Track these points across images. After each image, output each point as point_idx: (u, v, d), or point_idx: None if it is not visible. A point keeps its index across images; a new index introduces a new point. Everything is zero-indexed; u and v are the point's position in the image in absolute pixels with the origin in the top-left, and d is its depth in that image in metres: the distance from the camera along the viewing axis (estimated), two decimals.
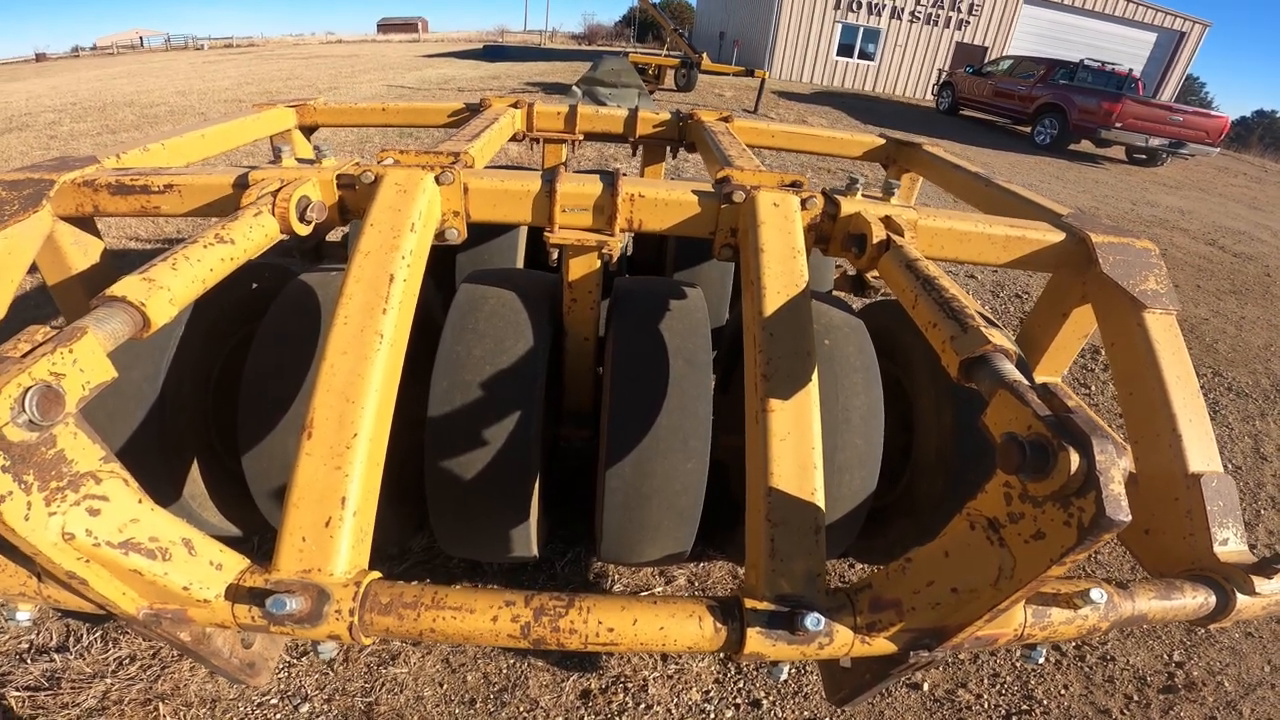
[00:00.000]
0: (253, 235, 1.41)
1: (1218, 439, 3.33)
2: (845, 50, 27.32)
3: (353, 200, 1.69)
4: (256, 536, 2.16)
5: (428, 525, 1.78)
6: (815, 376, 1.32)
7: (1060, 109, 15.01)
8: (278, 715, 1.88)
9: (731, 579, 2.46)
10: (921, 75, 27.78)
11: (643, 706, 2.00)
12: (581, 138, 3.24)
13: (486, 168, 2.08)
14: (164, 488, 1.67)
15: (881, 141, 3.22)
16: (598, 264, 1.80)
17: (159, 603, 1.07)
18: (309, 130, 3.15)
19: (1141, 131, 13.89)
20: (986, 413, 1.01)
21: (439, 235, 1.69)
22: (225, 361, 1.88)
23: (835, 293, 3.11)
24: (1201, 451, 1.44)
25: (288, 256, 2.85)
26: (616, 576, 2.42)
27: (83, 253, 1.79)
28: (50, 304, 3.50)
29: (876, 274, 1.60)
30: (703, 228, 1.73)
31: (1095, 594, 1.14)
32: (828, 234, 1.72)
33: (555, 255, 1.77)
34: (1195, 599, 1.25)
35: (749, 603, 1.13)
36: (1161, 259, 1.71)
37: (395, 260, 1.40)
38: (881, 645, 1.12)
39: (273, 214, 1.50)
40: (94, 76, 18.55)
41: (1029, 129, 16.23)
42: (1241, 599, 1.24)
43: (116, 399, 1.56)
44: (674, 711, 2.00)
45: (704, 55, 17.39)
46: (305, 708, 1.90)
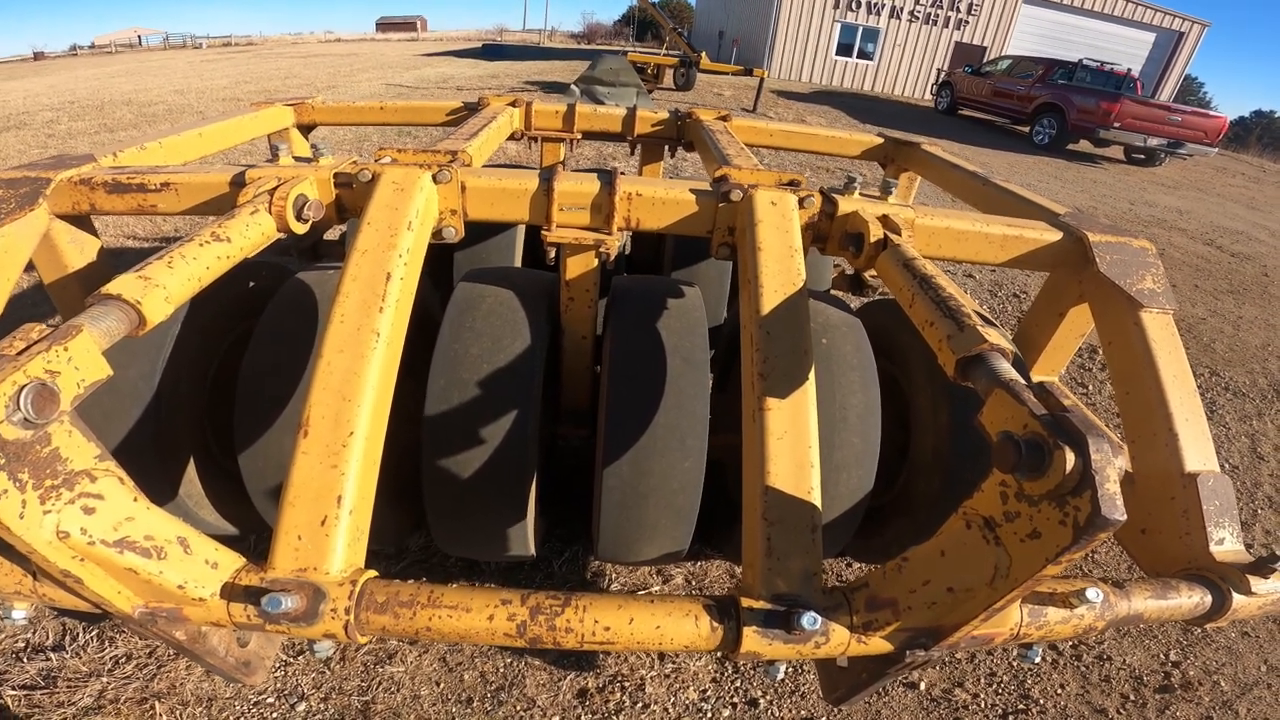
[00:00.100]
0: (249, 234, 1.41)
1: (1215, 438, 3.34)
2: (844, 50, 27.33)
3: (350, 199, 1.69)
4: (253, 535, 2.15)
5: (425, 524, 1.78)
6: (812, 375, 1.32)
7: (1059, 109, 15.02)
8: (274, 714, 1.87)
9: (729, 578, 2.46)
10: (920, 75, 27.79)
11: (640, 705, 2.00)
12: (579, 136, 3.23)
13: (484, 166, 2.08)
14: (160, 486, 1.67)
15: (879, 141, 3.22)
16: (595, 262, 1.80)
17: (154, 601, 1.07)
18: (307, 129, 3.14)
19: (1140, 131, 13.89)
20: (983, 411, 1.01)
21: (436, 234, 1.69)
22: (222, 360, 1.88)
23: (833, 292, 3.12)
24: (1198, 451, 1.44)
25: (285, 255, 2.85)
26: (614, 575, 2.42)
27: (79, 251, 1.79)
28: (48, 302, 3.50)
29: (874, 273, 1.59)
30: (700, 226, 1.73)
31: (1091, 593, 1.14)
32: (825, 233, 1.72)
33: (553, 254, 1.77)
34: (1191, 598, 1.25)
35: (745, 602, 1.13)
36: (1159, 258, 1.72)
37: (392, 259, 1.40)
38: (878, 644, 1.12)
39: (269, 212, 1.50)
40: (92, 75, 18.51)
41: (1028, 129, 16.24)
42: (1237, 598, 1.24)
43: (113, 397, 1.56)
44: (671, 710, 2.00)
45: (703, 54, 17.37)
46: (302, 706, 1.90)
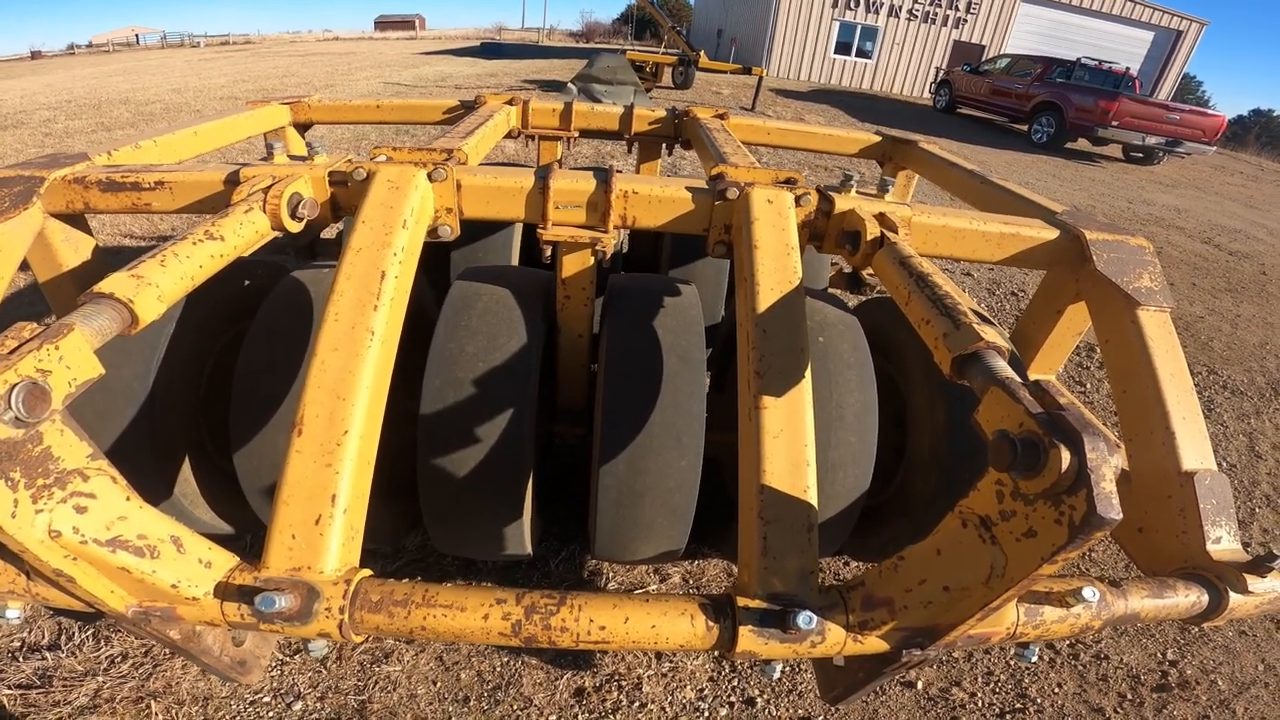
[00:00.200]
0: (243, 232, 1.41)
1: (1212, 437, 3.34)
2: (843, 48, 27.30)
3: (345, 197, 1.69)
4: (249, 534, 2.15)
5: (421, 523, 1.78)
6: (809, 373, 1.32)
7: (1057, 107, 15.01)
8: (270, 713, 1.87)
9: (726, 577, 2.46)
10: (919, 73, 27.77)
11: (637, 705, 2.00)
12: (577, 134, 3.23)
13: (481, 165, 2.07)
14: (155, 485, 1.66)
15: (877, 139, 3.21)
16: (591, 261, 1.79)
17: (148, 600, 1.07)
18: (303, 127, 3.14)
19: (1138, 130, 13.89)
20: (979, 410, 1.00)
21: (432, 232, 1.69)
22: (217, 358, 1.87)
23: (830, 290, 3.11)
24: (1195, 449, 1.44)
25: (282, 254, 2.84)
26: (611, 574, 2.42)
27: (74, 250, 1.78)
28: (44, 301, 3.49)
29: (871, 271, 1.59)
30: (697, 224, 1.72)
31: (1088, 592, 1.14)
32: (822, 231, 1.72)
33: (549, 252, 1.77)
34: (1188, 597, 1.25)
35: (741, 601, 1.12)
36: (1156, 256, 1.71)
37: (387, 257, 1.40)
38: (874, 644, 1.12)
39: (264, 211, 1.49)
40: (89, 74, 18.48)
41: (1026, 127, 16.23)
42: (1235, 597, 1.24)
43: (107, 396, 1.55)
44: (668, 709, 1.99)
45: (701, 53, 17.34)
46: (298, 705, 1.89)
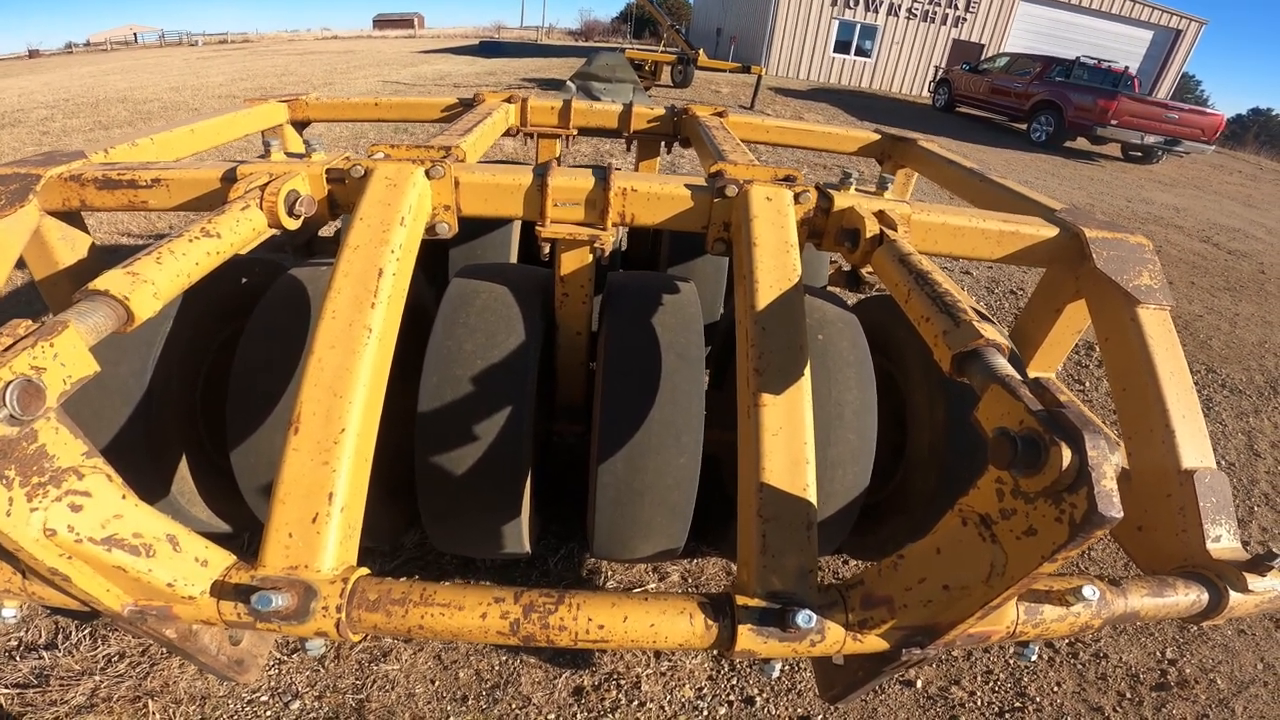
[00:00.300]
0: (239, 229, 1.40)
1: (1211, 435, 3.34)
2: (842, 47, 27.29)
3: (342, 194, 1.68)
4: (247, 533, 2.14)
5: (420, 521, 1.77)
6: (808, 371, 1.31)
7: (1056, 106, 15.00)
8: (268, 712, 1.86)
9: (725, 575, 2.45)
10: (918, 72, 27.77)
11: (635, 703, 1.99)
12: (575, 132, 3.22)
13: (480, 162, 2.06)
14: (152, 483, 1.65)
15: (876, 137, 3.21)
16: (590, 258, 1.79)
17: (144, 599, 1.06)
18: (301, 125, 3.13)
19: (1137, 129, 13.88)
20: (979, 408, 1.00)
21: (429, 229, 1.68)
22: (214, 356, 1.87)
23: (830, 288, 3.11)
24: (1195, 448, 1.44)
25: (280, 251, 2.84)
26: (610, 573, 2.42)
27: (70, 247, 1.78)
28: (41, 299, 3.48)
29: (870, 269, 1.59)
30: (695, 222, 1.72)
31: (1088, 591, 1.14)
32: (821, 228, 1.71)
33: (547, 249, 1.76)
34: (1188, 596, 1.25)
35: (740, 599, 1.12)
36: (1155, 255, 1.71)
37: (384, 254, 1.39)
38: (873, 643, 1.12)
39: (261, 208, 1.49)
40: (87, 73, 18.44)
41: (1025, 126, 16.22)
42: (1234, 596, 1.24)
43: (104, 394, 1.54)
44: (667, 709, 1.99)
45: (700, 51, 17.33)
46: (296, 705, 1.89)
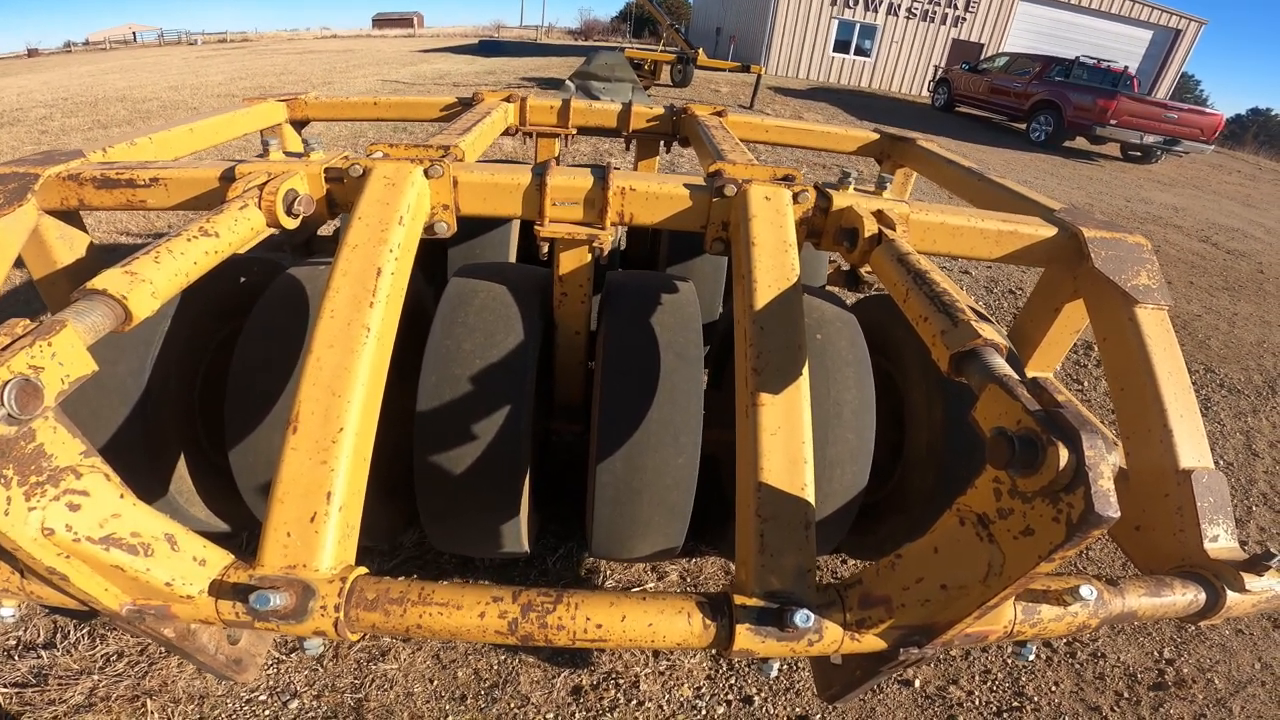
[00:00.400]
0: (238, 228, 1.40)
1: (1210, 435, 3.34)
2: (842, 46, 27.27)
3: (341, 194, 1.68)
4: (245, 532, 2.14)
5: (418, 521, 1.77)
6: (806, 371, 1.32)
7: (1055, 106, 15.00)
8: (266, 712, 1.86)
9: (724, 575, 2.45)
10: (918, 72, 27.75)
11: (634, 703, 1.99)
12: (574, 132, 3.22)
13: (479, 161, 2.06)
14: (150, 483, 1.65)
15: (875, 136, 3.21)
16: (588, 258, 1.79)
17: (142, 598, 1.06)
18: (300, 125, 3.12)
19: (1136, 129, 13.88)
20: (976, 407, 1.00)
21: (428, 229, 1.68)
22: (213, 356, 1.87)
23: (828, 287, 3.11)
24: (1193, 447, 1.44)
25: (279, 251, 2.83)
26: (608, 572, 2.42)
27: (68, 247, 1.77)
28: (39, 298, 3.47)
29: (869, 268, 1.59)
30: (694, 221, 1.72)
31: (1085, 591, 1.14)
32: (820, 228, 1.71)
33: (546, 249, 1.76)
34: (1185, 596, 1.25)
35: (739, 599, 1.12)
36: (1154, 254, 1.71)
37: (383, 254, 1.39)
38: (871, 642, 1.12)
39: (259, 207, 1.48)
40: (86, 72, 18.42)
41: (1024, 126, 16.21)
42: (1232, 596, 1.24)
43: (102, 394, 1.54)
44: (665, 708, 1.99)
45: (700, 51, 17.33)
46: (294, 704, 1.89)
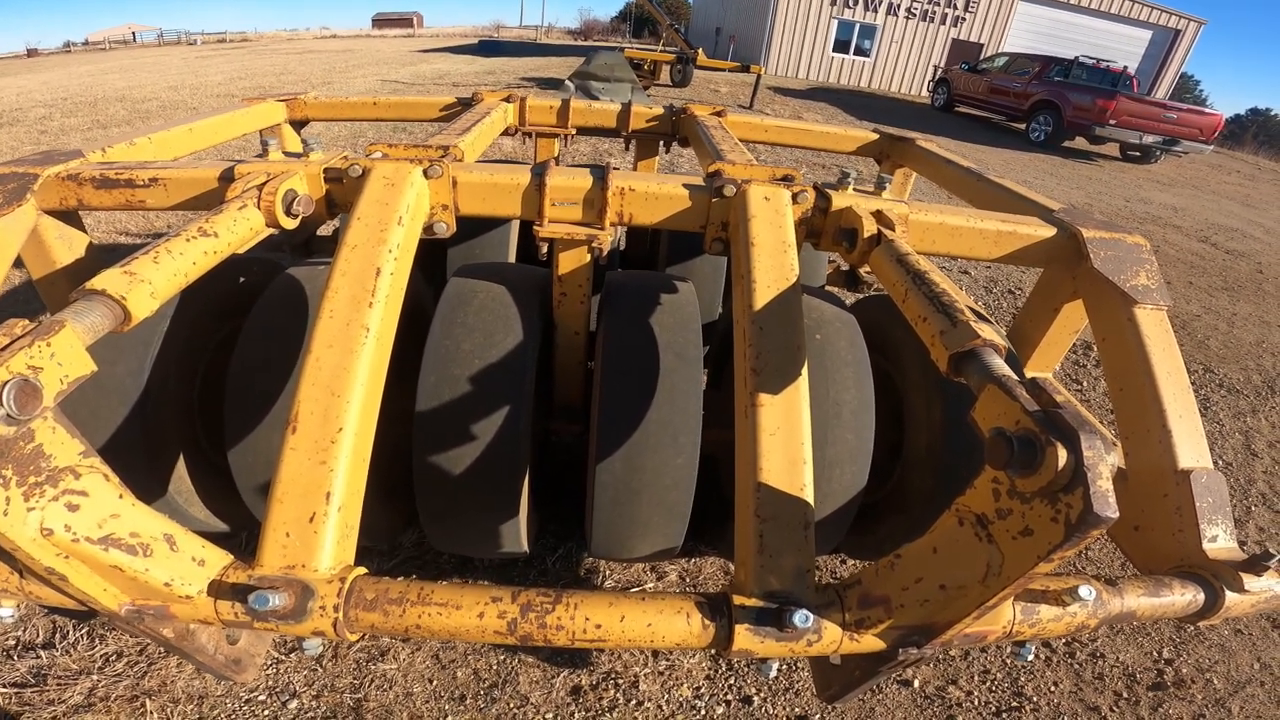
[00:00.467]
0: (237, 228, 1.40)
1: (1209, 435, 3.34)
2: (841, 46, 27.27)
3: (340, 194, 1.68)
4: (245, 532, 2.14)
5: (417, 521, 1.77)
6: (805, 371, 1.32)
7: (1055, 106, 15.01)
8: (265, 712, 1.86)
9: (724, 575, 2.46)
10: (917, 72, 27.76)
11: (634, 703, 1.99)
12: (574, 132, 3.22)
13: (478, 161, 2.06)
14: (150, 483, 1.65)
15: (875, 136, 3.21)
16: (588, 258, 1.79)
17: (141, 599, 1.06)
18: (299, 125, 3.12)
19: (1136, 129, 13.89)
20: (975, 407, 1.00)
21: (427, 229, 1.68)
22: (212, 356, 1.87)
23: (828, 287, 3.11)
24: (1192, 447, 1.44)
25: (278, 251, 2.83)
26: (608, 572, 2.42)
27: (67, 247, 1.77)
28: (39, 298, 3.47)
29: (868, 268, 1.59)
30: (693, 221, 1.72)
31: (1084, 591, 1.14)
32: (819, 228, 1.71)
33: (545, 249, 1.76)
34: (1184, 596, 1.25)
35: (738, 599, 1.12)
36: (1153, 255, 1.71)
37: (382, 254, 1.39)
38: (870, 642, 1.12)
39: (258, 208, 1.48)
40: (86, 72, 18.41)
41: (1024, 126, 16.22)
42: (1230, 596, 1.24)
43: (101, 394, 1.54)
44: (665, 708, 1.99)
45: (699, 51, 17.33)
46: (293, 704, 1.89)
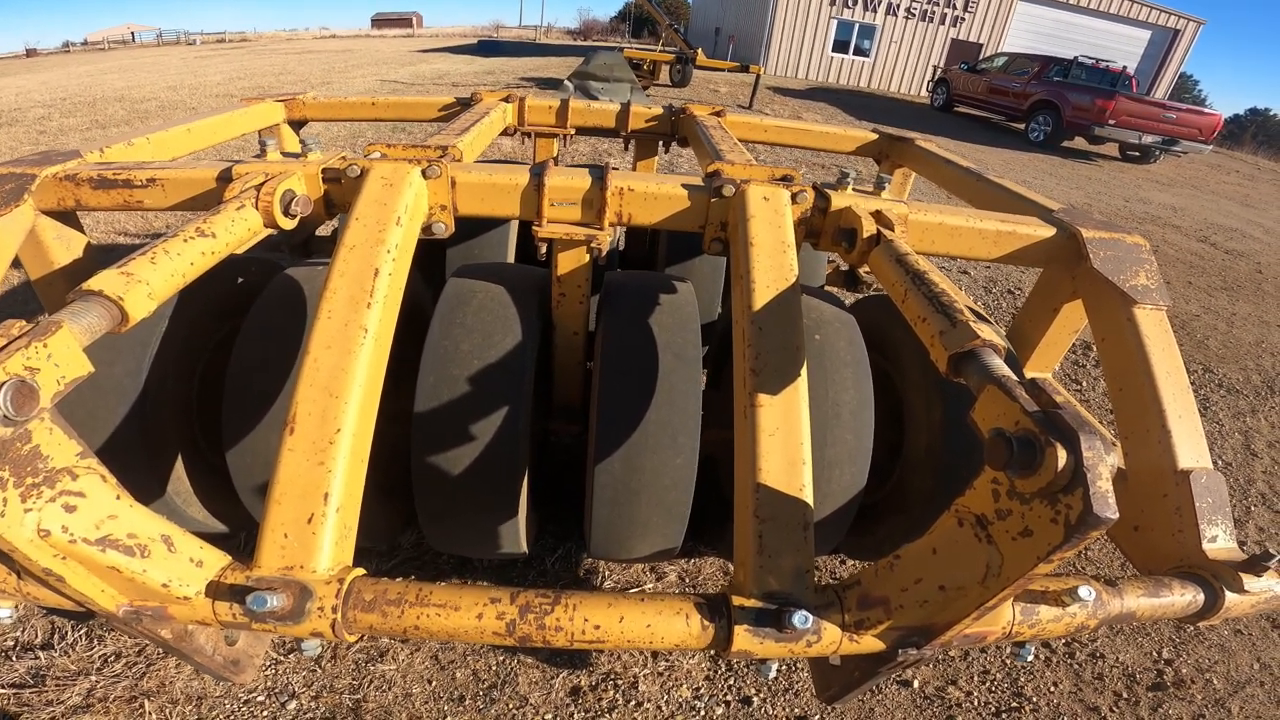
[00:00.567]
0: (235, 229, 1.40)
1: (1208, 435, 3.34)
2: (841, 46, 27.30)
3: (338, 194, 1.68)
4: (243, 533, 2.14)
5: (416, 521, 1.77)
6: (805, 371, 1.31)
7: (1054, 106, 15.01)
8: (264, 712, 1.86)
9: (723, 575, 2.45)
10: (917, 72, 27.78)
11: (633, 704, 1.99)
12: (573, 132, 3.21)
13: (477, 161, 2.06)
14: (148, 484, 1.65)
15: (874, 136, 3.21)
16: (587, 258, 1.78)
17: (138, 600, 1.06)
18: (298, 125, 3.12)
19: (1135, 129, 13.89)
20: (975, 408, 1.00)
21: (426, 229, 1.68)
22: (210, 356, 1.86)
23: (827, 288, 3.11)
24: (1191, 448, 1.44)
25: (277, 251, 2.83)
26: (607, 573, 2.41)
27: (65, 247, 1.77)
28: (36, 299, 3.47)
29: (867, 268, 1.59)
30: (692, 221, 1.72)
31: (1084, 591, 1.14)
32: (818, 228, 1.71)
33: (544, 249, 1.76)
34: (1184, 597, 1.25)
35: (737, 600, 1.12)
36: (1152, 255, 1.71)
37: (380, 254, 1.39)
38: (870, 643, 1.12)
39: (256, 208, 1.48)
40: (85, 72, 18.40)
41: (1023, 126, 16.22)
42: (1230, 596, 1.24)
43: (98, 394, 1.54)
44: (664, 708, 1.99)
45: (699, 51, 17.33)
46: (292, 705, 1.88)
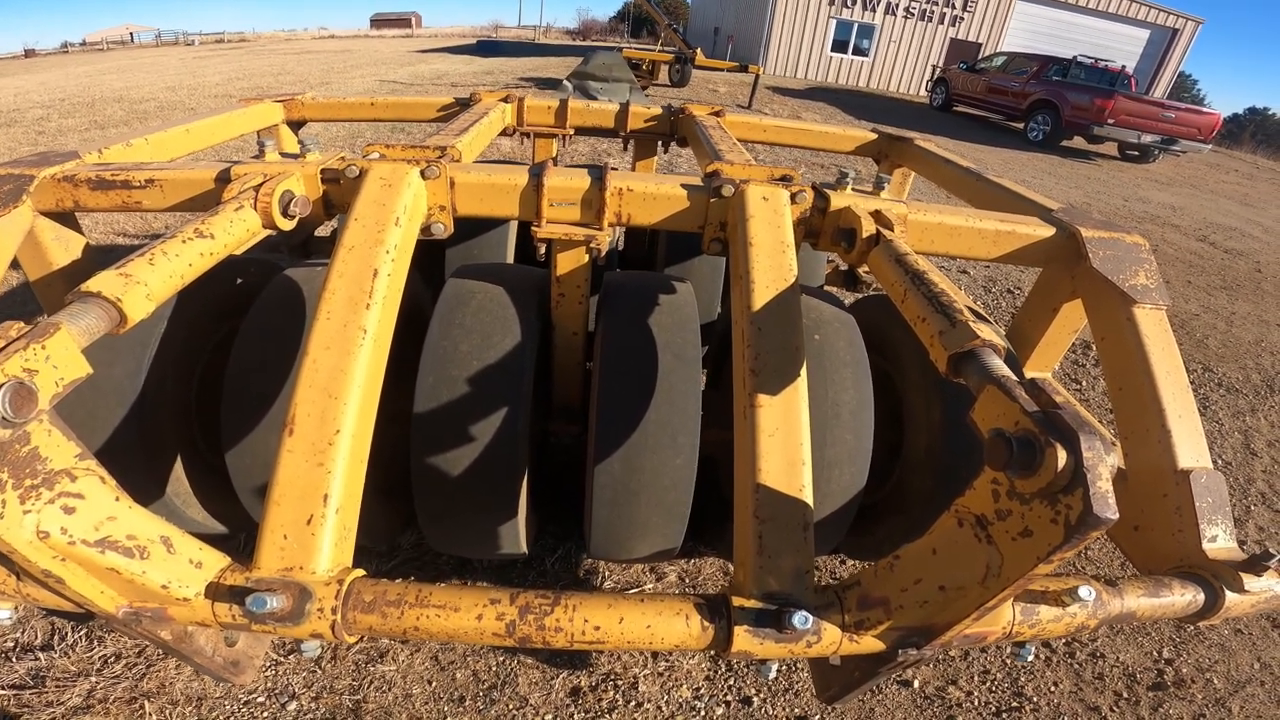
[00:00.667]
0: (233, 230, 1.40)
1: (1208, 435, 3.33)
2: (839, 46, 27.31)
3: (337, 195, 1.68)
4: (243, 534, 2.14)
5: (416, 522, 1.77)
6: (804, 371, 1.31)
7: (1053, 105, 15.01)
8: (264, 713, 1.86)
9: (723, 575, 2.45)
10: (916, 71, 27.79)
11: (633, 704, 1.99)
12: (572, 132, 3.21)
13: (476, 162, 2.06)
14: (147, 485, 1.65)
15: (873, 136, 3.21)
16: (586, 258, 1.78)
17: (138, 601, 1.06)
18: (297, 125, 3.12)
19: (1134, 128, 13.90)
20: (974, 408, 1.00)
21: (425, 230, 1.68)
22: (209, 357, 1.86)
23: (826, 287, 3.11)
24: (1191, 447, 1.44)
25: (276, 252, 2.83)
26: (607, 573, 2.41)
27: (64, 248, 1.77)
28: (35, 300, 3.46)
29: (867, 268, 1.59)
30: (692, 222, 1.72)
31: (1084, 591, 1.14)
32: (817, 228, 1.71)
33: (543, 250, 1.76)
34: (1184, 596, 1.25)
35: (737, 600, 1.12)
36: (1152, 254, 1.71)
37: (379, 255, 1.39)
38: (870, 643, 1.12)
39: (255, 209, 1.48)
40: (83, 72, 18.39)
41: (1022, 125, 16.22)
42: (1230, 596, 1.24)
43: (97, 396, 1.54)
44: (664, 709, 1.99)
45: (698, 51, 17.35)
46: (292, 705, 1.88)
